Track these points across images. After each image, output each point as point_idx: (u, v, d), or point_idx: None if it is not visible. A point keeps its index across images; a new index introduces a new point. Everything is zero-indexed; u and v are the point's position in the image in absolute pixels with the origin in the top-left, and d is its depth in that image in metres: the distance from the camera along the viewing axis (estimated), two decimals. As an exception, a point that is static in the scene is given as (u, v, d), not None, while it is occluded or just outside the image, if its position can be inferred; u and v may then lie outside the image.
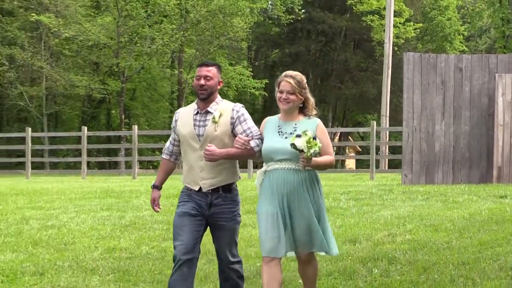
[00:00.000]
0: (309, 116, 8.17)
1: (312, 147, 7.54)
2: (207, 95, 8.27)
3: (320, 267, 10.79)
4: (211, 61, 8.76)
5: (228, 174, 8.26)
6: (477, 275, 10.05)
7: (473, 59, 25.32)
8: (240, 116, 8.20)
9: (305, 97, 8.19)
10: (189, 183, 8.27)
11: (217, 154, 7.91)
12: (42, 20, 51.94)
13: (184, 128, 8.25)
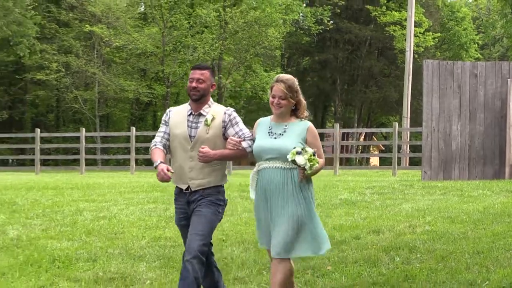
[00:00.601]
0: (301, 119, 7.78)
1: (313, 165, 7.34)
2: (199, 97, 7.89)
3: (345, 255, 10.77)
4: (204, 65, 8.36)
5: (217, 176, 7.95)
6: (490, 263, 10.00)
7: (487, 66, 25.25)
8: (232, 119, 7.92)
9: (297, 100, 7.77)
10: (177, 183, 7.99)
11: (211, 155, 7.63)
12: (95, 31, 52.12)
13: (177, 127, 7.94)
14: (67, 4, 55.32)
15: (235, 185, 21.91)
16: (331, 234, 12.54)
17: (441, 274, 9.42)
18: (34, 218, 15.10)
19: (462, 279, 9.12)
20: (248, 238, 12.48)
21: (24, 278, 9.70)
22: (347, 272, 9.69)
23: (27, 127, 57.42)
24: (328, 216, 14.99)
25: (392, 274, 9.49)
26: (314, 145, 7.59)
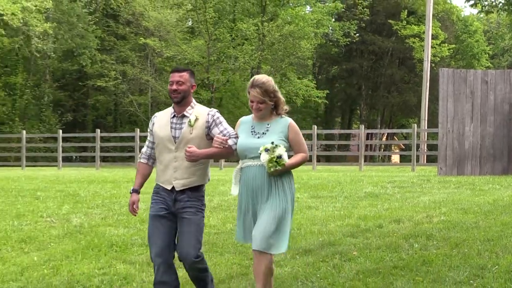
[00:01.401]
0: (281, 116, 7.29)
1: (273, 167, 6.80)
2: (180, 99, 7.33)
3: (369, 242, 10.73)
4: (183, 67, 7.77)
5: (200, 175, 7.41)
6: (500, 249, 9.93)
7: (497, 74, 25.16)
8: (216, 119, 7.42)
9: (276, 99, 7.24)
10: (162, 183, 7.43)
11: (198, 154, 7.12)
12: (149, 43, 52.30)
13: (161, 131, 7.41)
14: (124, 19, 55.64)
15: (272, 179, 21.86)
16: (357, 224, 12.55)
17: (455, 259, 9.37)
18: (94, 208, 15.19)
19: (474, 263, 9.06)
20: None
21: (86, 261, 9.75)
22: (371, 257, 9.66)
23: (88, 127, 57.69)
24: (354, 207, 14.95)
25: (411, 259, 9.45)
26: (296, 140, 7.26)
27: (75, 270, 9.26)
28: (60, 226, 12.74)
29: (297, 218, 13.48)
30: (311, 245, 10.56)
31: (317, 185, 19.83)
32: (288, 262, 9.53)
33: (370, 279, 8.40)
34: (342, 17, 61.58)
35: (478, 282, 8.17)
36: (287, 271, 8.96)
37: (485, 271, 8.69)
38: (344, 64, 65.61)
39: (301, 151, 7.26)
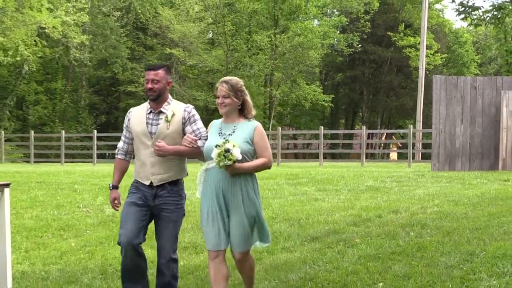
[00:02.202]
0: (249, 119, 6.67)
1: (221, 161, 6.15)
2: (156, 97, 6.83)
3: (370, 231, 10.71)
4: (158, 64, 7.19)
5: (178, 170, 6.92)
6: (487, 237, 9.90)
7: (485, 80, 25.17)
8: (191, 117, 6.88)
9: (242, 100, 6.66)
10: (140, 178, 6.96)
11: (166, 150, 6.64)
12: (173, 53, 52.33)
13: (138, 126, 6.91)
14: (152, 32, 55.72)
15: (283, 174, 21.89)
16: (359, 214, 12.53)
17: (447, 246, 9.35)
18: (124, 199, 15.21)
19: (463, 250, 9.04)
20: (292, 216, 12.45)
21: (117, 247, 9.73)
22: (372, 243, 9.65)
23: (120, 128, 57.69)
24: (356, 199, 14.93)
25: (407, 245, 9.43)
26: (260, 144, 6.52)
27: (108, 254, 9.28)
28: (95, 215, 12.78)
29: (306, 209, 13.48)
30: (318, 233, 10.57)
31: (324, 180, 19.83)
32: (298, 248, 9.53)
33: (370, 263, 8.39)
34: (346, 29, 61.48)
35: (468, 266, 8.15)
36: (297, 256, 8.96)
37: (473, 256, 8.66)
38: (347, 71, 65.64)
39: (264, 156, 6.55)
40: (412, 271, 7.94)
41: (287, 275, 7.84)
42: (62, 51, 51.63)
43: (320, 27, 56.43)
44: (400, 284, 7.37)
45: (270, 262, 8.59)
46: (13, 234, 9.80)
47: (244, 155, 6.35)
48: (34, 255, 9.30)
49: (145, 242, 6.89)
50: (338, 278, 7.64)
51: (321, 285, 7.39)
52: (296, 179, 20.08)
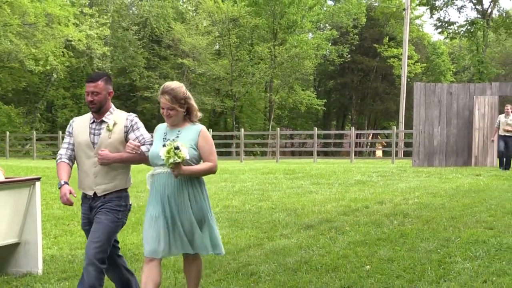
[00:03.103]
0: (194, 123, 5.88)
1: (170, 157, 5.39)
2: (97, 109, 6.08)
3: (358, 219, 10.71)
4: (97, 75, 6.32)
5: (122, 179, 6.10)
6: (461, 225, 9.91)
7: (459, 87, 25.25)
8: (134, 124, 6.15)
9: (187, 106, 5.87)
10: (84, 189, 6.13)
11: (110, 158, 5.86)
12: (184, 62, 52.34)
13: (80, 136, 6.07)
14: (165, 44, 55.73)
15: (282, 169, 21.89)
16: (348, 205, 12.54)
17: (426, 233, 9.35)
18: (142, 192, 15.23)
19: (441, 236, 9.04)
20: (290, 207, 12.46)
21: (135, 234, 9.77)
22: (360, 231, 9.66)
23: (137, 129, 57.81)
24: (346, 192, 14.95)
25: (391, 232, 9.44)
26: (205, 148, 5.73)
27: (127, 240, 9.28)
28: (115, 206, 12.79)
29: (301, 200, 13.49)
30: (312, 222, 10.58)
31: (317, 174, 19.85)
32: (294, 234, 9.54)
33: (359, 248, 8.39)
34: (337, 42, 61.48)
35: (444, 251, 8.15)
36: (293, 242, 8.96)
37: (449, 242, 8.67)
38: (338, 79, 65.63)
39: (209, 160, 5.76)
40: (396, 255, 7.94)
41: (285, 258, 7.84)
42: (87, 61, 51.72)
43: (314, 40, 56.51)
44: (385, 266, 7.37)
45: (269, 247, 8.59)
46: (44, 222, 9.81)
47: (189, 160, 5.57)
48: (62, 241, 9.31)
49: None
50: (330, 261, 7.64)
51: (315, 267, 7.39)
52: (293, 174, 20.10)
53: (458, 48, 74.94)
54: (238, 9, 53.17)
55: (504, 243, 8.52)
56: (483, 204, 12.33)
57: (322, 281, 6.78)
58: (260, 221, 10.71)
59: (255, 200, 13.58)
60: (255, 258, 7.91)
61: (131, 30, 55.18)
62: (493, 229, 9.59)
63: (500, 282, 6.59)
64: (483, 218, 10.63)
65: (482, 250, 8.10)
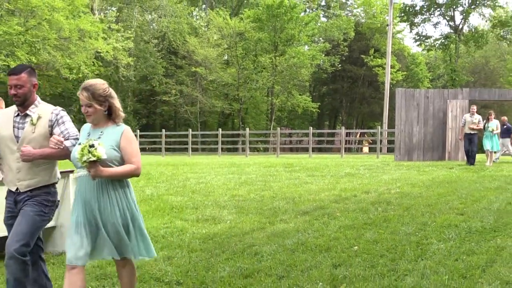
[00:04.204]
0: (118, 124, 4.82)
1: (84, 155, 4.45)
2: (21, 102, 5.09)
3: (348, 207, 10.71)
4: (19, 67, 5.21)
5: (46, 175, 5.14)
6: (436, 211, 9.91)
7: (435, 92, 25.25)
8: (59, 118, 5.12)
9: (108, 105, 4.77)
10: (8, 184, 5.21)
11: (32, 154, 4.89)
12: (198, 71, 52.43)
13: (4, 130, 5.11)
14: (181, 55, 55.78)
15: (281, 163, 21.90)
16: (339, 194, 12.53)
17: (406, 218, 9.35)
18: (161, 183, 15.25)
19: (419, 221, 9.04)
20: (288, 195, 12.46)
21: (155, 219, 9.79)
22: (349, 216, 9.65)
23: (157, 128, 57.80)
24: (337, 183, 14.94)
25: (376, 218, 9.44)
26: (127, 150, 4.72)
27: (147, 224, 9.29)
28: (138, 195, 12.80)
29: (298, 190, 13.49)
30: (308, 208, 10.57)
31: (312, 168, 19.84)
32: (292, 220, 9.54)
33: (348, 231, 8.39)
34: (329, 53, 61.43)
35: (422, 233, 8.15)
36: (292, 226, 8.97)
37: (426, 226, 8.67)
38: (330, 85, 65.61)
39: (132, 162, 4.73)
40: (380, 237, 7.94)
41: (284, 240, 7.85)
42: (113, 70, 51.83)
43: (310, 51, 56.45)
44: (370, 247, 7.37)
45: (271, 231, 8.60)
46: (76, 209, 9.84)
47: (109, 162, 4.63)
48: (92, 225, 9.32)
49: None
50: (323, 243, 7.65)
51: (310, 248, 7.40)
52: (291, 167, 20.10)
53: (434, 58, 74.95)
54: (244, 25, 53.19)
55: (473, 227, 8.53)
56: (455, 193, 12.33)
57: (316, 260, 6.79)
58: (262, 208, 10.72)
59: (259, 190, 13.59)
60: (259, 240, 7.92)
61: (151, 43, 55.31)
62: (464, 215, 9.59)
63: (469, 260, 6.60)
64: (455, 205, 10.63)
65: (454, 233, 8.11)
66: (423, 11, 62.71)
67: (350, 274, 6.08)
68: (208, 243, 7.82)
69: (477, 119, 20.59)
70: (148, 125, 59.76)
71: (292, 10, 51.49)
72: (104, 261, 6.80)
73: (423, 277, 5.97)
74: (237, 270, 6.35)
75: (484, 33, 61.70)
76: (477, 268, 6.29)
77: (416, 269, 6.26)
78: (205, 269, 6.43)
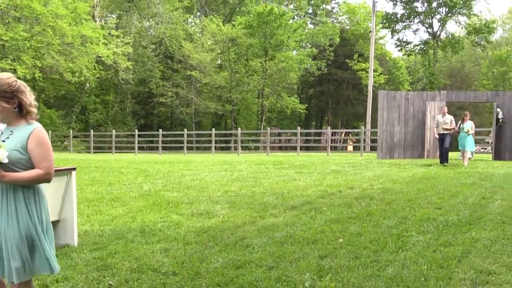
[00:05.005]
0: (29, 122, 3.93)
1: None
2: None
3: (333, 201, 10.71)
4: None
5: None
6: (416, 206, 9.93)
7: (414, 94, 25.26)
8: None
9: (18, 102, 3.89)
10: None
11: None
12: (193, 74, 52.41)
13: None
14: (177, 59, 55.74)
15: (271, 161, 21.89)
16: (325, 190, 12.54)
17: (388, 212, 9.37)
18: (158, 179, 15.20)
19: (399, 215, 9.06)
20: (278, 191, 12.45)
21: (152, 213, 9.76)
22: (335, 211, 9.66)
23: (154, 128, 57.72)
24: (323, 179, 14.95)
25: (360, 212, 9.44)
26: (35, 152, 3.82)
27: (145, 218, 9.27)
28: (136, 191, 12.76)
29: (287, 186, 13.49)
30: (296, 203, 10.57)
31: (300, 165, 19.85)
32: (281, 214, 9.53)
33: (333, 225, 8.40)
34: (316, 57, 61.53)
35: (402, 226, 8.17)
36: (281, 220, 8.96)
37: (406, 219, 8.69)
38: (317, 87, 65.71)
39: (40, 167, 3.85)
40: (363, 230, 7.95)
41: (274, 233, 7.84)
42: (113, 73, 51.73)
43: (298, 56, 56.55)
44: (354, 239, 7.38)
45: (261, 224, 8.59)
46: (78, 204, 9.80)
47: (13, 166, 3.80)
48: (93, 219, 9.29)
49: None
50: (310, 236, 7.65)
51: (298, 240, 7.40)
52: (280, 165, 20.10)
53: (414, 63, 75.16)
54: (236, 31, 53.18)
55: (450, 220, 8.56)
56: (433, 189, 12.37)
57: (304, 251, 6.79)
58: (253, 203, 10.70)
59: (250, 186, 13.58)
60: (250, 233, 7.91)
61: (149, 48, 55.22)
62: (441, 209, 9.62)
63: (446, 251, 6.62)
64: (433, 200, 10.66)
65: (433, 226, 8.13)
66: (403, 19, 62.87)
67: (336, 265, 6.09)
68: (202, 236, 7.81)
69: (449, 119, 19.97)
70: (146, 125, 59.67)
71: (281, 18, 51.51)
72: (105, 252, 6.79)
73: (404, 267, 5.99)
74: (230, 261, 6.34)
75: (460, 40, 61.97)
76: (453, 258, 6.31)
77: (397, 260, 6.28)
78: (200, 260, 6.42)
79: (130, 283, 5.57)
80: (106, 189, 13.02)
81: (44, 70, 43.59)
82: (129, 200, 11.36)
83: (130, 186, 13.59)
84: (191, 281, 5.63)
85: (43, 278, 5.67)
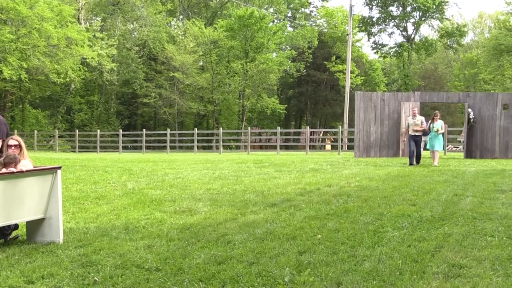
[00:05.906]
0: None
1: None
2: None
3: (312, 199, 10.74)
4: None
5: None
6: (391, 203, 9.98)
7: (390, 95, 25.40)
8: None
9: None
10: None
11: None
12: (175, 75, 52.25)
13: None
14: (160, 61, 55.57)
15: (252, 160, 21.90)
16: (304, 187, 12.56)
17: (365, 209, 9.40)
18: (141, 178, 15.13)
19: (376, 212, 9.10)
20: (258, 189, 12.45)
21: (136, 211, 9.71)
22: (313, 208, 9.67)
23: (138, 128, 57.45)
24: (302, 177, 14.97)
25: (338, 209, 9.47)
26: None
27: (129, 216, 9.22)
28: (120, 189, 12.69)
29: (267, 184, 13.48)
30: (276, 201, 10.57)
31: (280, 163, 19.88)
32: (262, 211, 9.53)
33: (312, 221, 8.41)
34: (295, 59, 61.64)
35: (379, 222, 8.21)
36: (261, 217, 8.96)
37: (382, 216, 8.73)
38: (296, 88, 65.77)
39: None
40: (341, 226, 7.98)
41: (254, 230, 7.84)
42: (98, 74, 51.39)
43: (277, 58, 56.59)
44: (332, 235, 7.40)
45: (242, 221, 8.58)
46: (64, 202, 9.71)
47: None
48: (78, 217, 9.22)
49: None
50: (290, 232, 7.66)
51: (278, 237, 7.40)
52: (260, 163, 20.11)
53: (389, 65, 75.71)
54: (218, 34, 53.13)
55: (424, 216, 8.61)
56: (408, 186, 12.45)
57: (284, 247, 6.79)
58: (235, 201, 10.69)
59: (231, 184, 13.56)
60: (231, 230, 7.90)
61: (133, 50, 54.99)
62: (416, 206, 9.69)
63: (420, 246, 6.66)
64: (408, 197, 10.72)
65: (407, 222, 8.18)
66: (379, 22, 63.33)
67: (314, 260, 6.10)
68: (185, 232, 7.78)
69: (419, 120, 19.22)
70: (130, 125, 59.40)
71: (261, 21, 51.52)
72: (90, 248, 6.74)
73: (380, 261, 6.02)
74: (212, 257, 6.33)
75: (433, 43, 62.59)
76: (427, 253, 6.36)
77: (373, 255, 6.31)
78: (182, 256, 6.40)
79: (114, 279, 5.53)
80: (91, 188, 12.93)
81: (30, 71, 43.21)
82: (114, 198, 11.29)
83: (114, 185, 13.51)
84: (174, 277, 5.61)
85: (29, 275, 5.61)
